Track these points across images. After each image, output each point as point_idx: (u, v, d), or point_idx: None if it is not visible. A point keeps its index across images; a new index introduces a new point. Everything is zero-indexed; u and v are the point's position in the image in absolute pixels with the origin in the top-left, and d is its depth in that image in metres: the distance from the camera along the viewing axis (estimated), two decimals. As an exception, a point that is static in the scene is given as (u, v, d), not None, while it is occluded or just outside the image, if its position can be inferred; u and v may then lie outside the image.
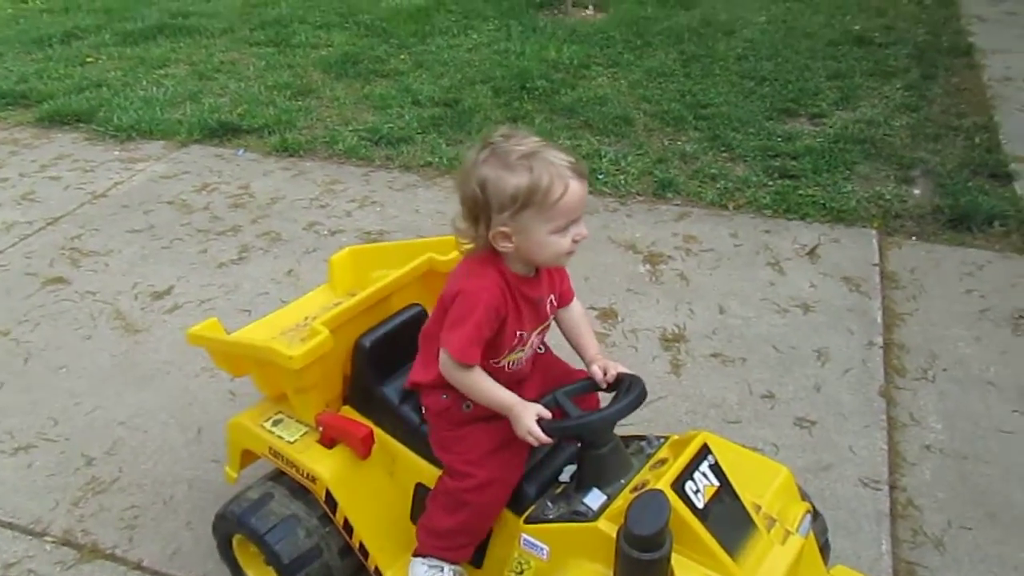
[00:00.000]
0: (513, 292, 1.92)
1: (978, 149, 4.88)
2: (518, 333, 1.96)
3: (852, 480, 2.77)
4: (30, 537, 2.67)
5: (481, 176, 1.80)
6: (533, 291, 1.96)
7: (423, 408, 2.10)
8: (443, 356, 1.92)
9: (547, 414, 1.91)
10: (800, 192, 4.45)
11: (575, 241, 1.85)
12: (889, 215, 4.27)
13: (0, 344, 3.55)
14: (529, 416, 1.89)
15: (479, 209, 1.83)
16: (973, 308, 3.61)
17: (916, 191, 4.50)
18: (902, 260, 3.94)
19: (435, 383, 1.99)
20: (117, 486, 2.85)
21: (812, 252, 3.99)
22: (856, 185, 4.54)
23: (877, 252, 3.99)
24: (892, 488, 2.75)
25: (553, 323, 2.11)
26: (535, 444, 1.91)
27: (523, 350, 2.01)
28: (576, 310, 2.14)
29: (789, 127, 5.22)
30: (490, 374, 1.96)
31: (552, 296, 2.04)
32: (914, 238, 4.12)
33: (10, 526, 2.71)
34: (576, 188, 1.80)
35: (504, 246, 1.85)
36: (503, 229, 1.82)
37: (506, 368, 2.00)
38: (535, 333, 2.03)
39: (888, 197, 4.41)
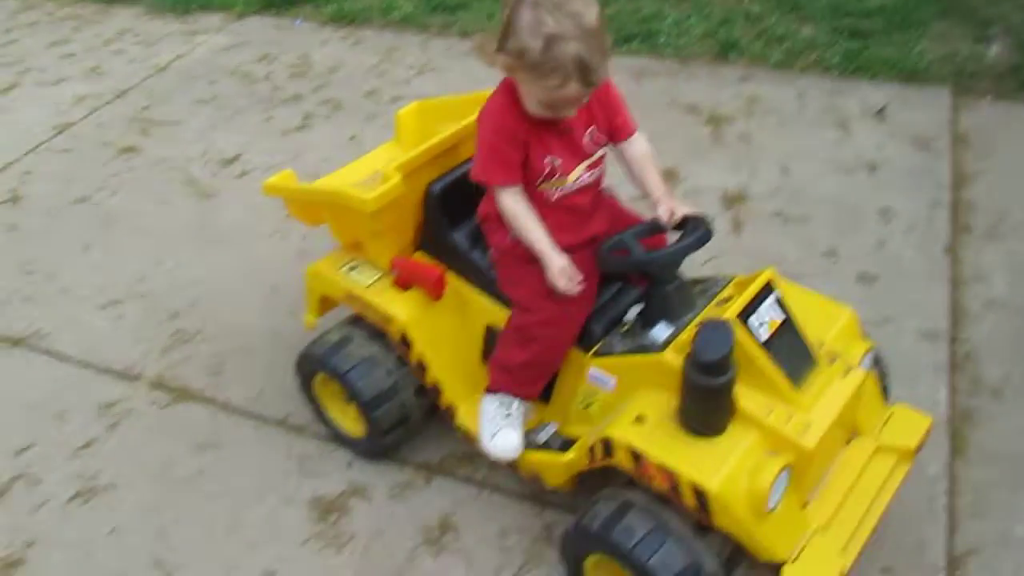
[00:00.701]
0: (530, 118, 1.93)
1: (1063, 5, 4.63)
2: (546, 159, 1.97)
3: (912, 333, 2.80)
4: (126, 381, 2.87)
5: (516, 13, 1.79)
6: (553, 125, 1.96)
7: (490, 247, 2.17)
8: (494, 192, 2.02)
9: (573, 270, 1.97)
10: (870, 52, 4.29)
11: (563, 113, 1.90)
12: (963, 75, 4.11)
13: (83, 209, 3.71)
14: (555, 264, 1.96)
15: (500, 35, 1.85)
16: (1047, 167, 3.52)
17: (993, 49, 4.31)
18: (974, 120, 3.82)
19: (500, 216, 2.05)
20: (201, 336, 3.02)
21: (881, 112, 3.89)
22: (930, 44, 4.36)
23: (949, 112, 3.87)
24: (952, 340, 2.77)
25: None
26: (567, 288, 1.96)
27: (565, 181, 2.02)
28: (638, 147, 2.12)
29: (861, -15, 4.98)
30: (537, 202, 2.01)
31: (592, 128, 2.02)
32: (989, 98, 3.97)
33: (107, 371, 2.92)
34: (571, 90, 1.80)
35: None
36: (505, 67, 1.87)
37: (549, 197, 2.02)
38: (580, 168, 2.03)
39: (964, 56, 4.23)
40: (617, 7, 4.90)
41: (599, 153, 2.07)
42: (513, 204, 2.00)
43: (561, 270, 1.97)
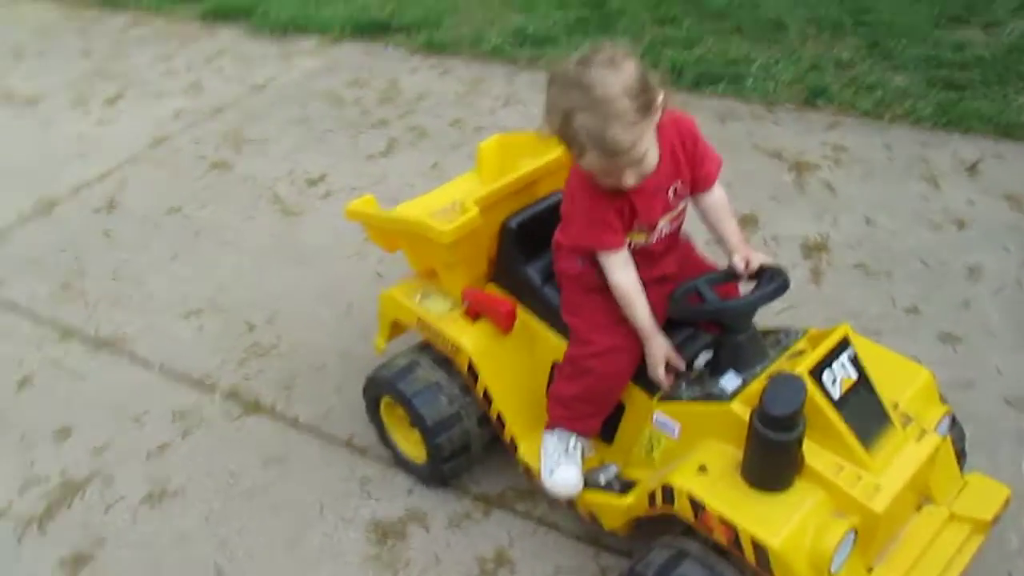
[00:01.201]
0: (619, 191, 1.93)
1: None
2: (635, 223, 1.99)
3: (995, 398, 2.69)
4: (201, 390, 2.97)
5: (548, 90, 1.83)
6: (644, 184, 1.95)
7: (557, 272, 2.18)
8: (601, 260, 2.02)
9: (678, 361, 2.01)
10: (965, 104, 4.18)
11: (631, 178, 1.87)
12: (1063, 132, 3.98)
13: (174, 220, 3.86)
14: (658, 350, 2.00)
15: None
16: None
17: (1097, 108, 4.15)
18: (1072, 179, 3.68)
19: (573, 247, 2.06)
20: (276, 351, 3.10)
21: (973, 167, 3.78)
22: (1028, 99, 4.23)
23: (1046, 170, 3.75)
24: (1038, 409, 2.66)
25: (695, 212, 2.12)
26: (662, 381, 2.02)
27: (648, 235, 2.03)
28: (717, 197, 2.11)
29: (959, 36, 4.87)
30: None
31: (677, 183, 2.01)
32: (1088, 157, 3.83)
33: (185, 379, 3.01)
34: (592, 159, 1.80)
35: None
36: None
37: (630, 246, 2.03)
38: (663, 220, 2.03)
39: (1064, 112, 4.09)
40: (704, 48, 4.89)
41: (681, 206, 2.08)
42: (625, 280, 2.01)
43: (664, 356, 2.01)
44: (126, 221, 3.88)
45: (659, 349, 2.02)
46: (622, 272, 2.01)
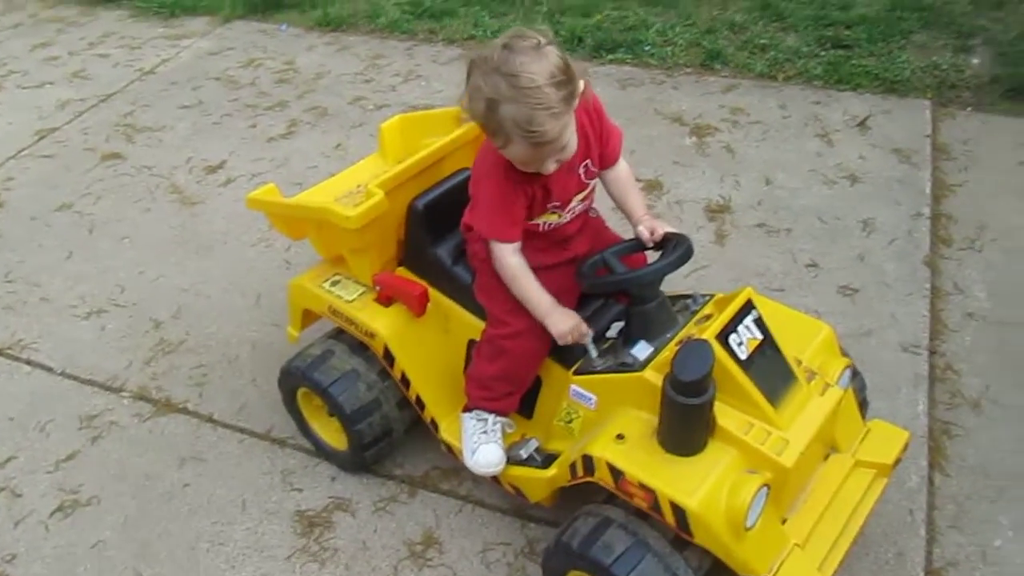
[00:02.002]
0: (532, 175, 1.93)
1: (1043, 16, 4.67)
2: (549, 205, 2.00)
3: (892, 345, 2.82)
4: (108, 392, 2.87)
5: (469, 76, 1.80)
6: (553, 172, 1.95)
7: (469, 254, 2.17)
8: (492, 246, 2.00)
9: (584, 329, 2.00)
10: (853, 62, 4.33)
11: (553, 164, 1.86)
12: (944, 86, 4.15)
13: (66, 216, 3.70)
14: (562, 325, 1.99)
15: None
16: (1026, 179, 3.56)
17: (974, 60, 4.35)
18: (955, 131, 3.86)
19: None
20: (185, 347, 3.01)
21: (863, 123, 3.93)
22: (912, 55, 4.39)
23: (930, 123, 3.91)
24: (932, 353, 2.80)
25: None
26: (579, 340, 2.01)
27: (561, 214, 2.04)
28: (621, 171, 2.14)
29: (844, -5, 5.02)
30: (526, 232, 2.01)
31: (587, 161, 2.02)
32: (969, 109, 4.01)
33: (90, 382, 2.91)
34: (517, 150, 1.78)
35: None
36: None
37: (542, 228, 2.04)
38: (575, 199, 2.04)
39: (944, 67, 4.27)
40: (602, 16, 4.92)
41: (593, 183, 2.09)
42: (515, 264, 2.00)
43: (569, 329, 1.99)
44: (14, 221, 3.69)
45: (561, 324, 2.00)
46: (512, 257, 2.00)
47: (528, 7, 5.06)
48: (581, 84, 1.80)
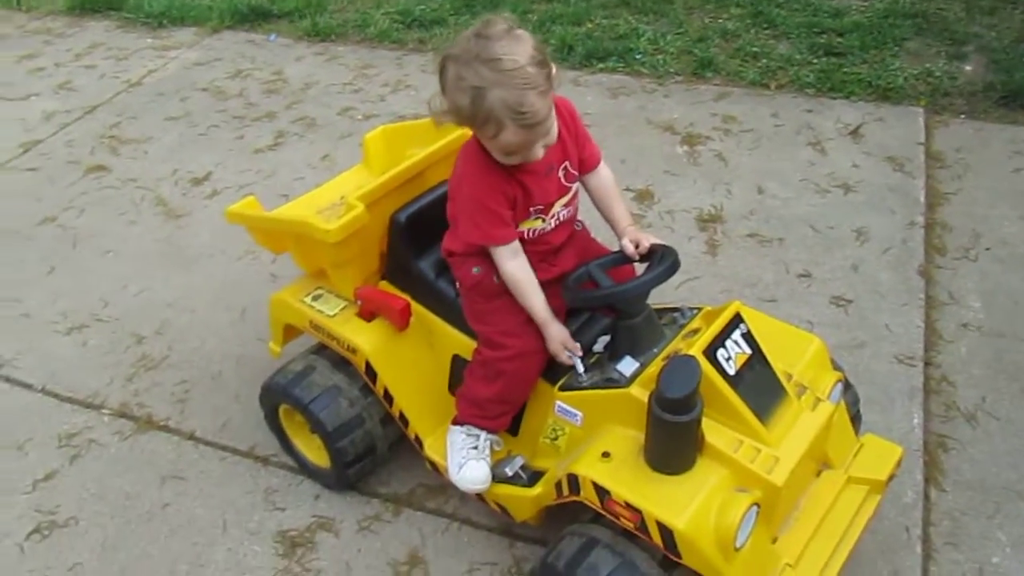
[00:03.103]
0: (510, 172, 1.90)
1: (1036, 22, 4.65)
2: (531, 208, 1.97)
3: (887, 357, 2.78)
4: (88, 410, 2.81)
5: (442, 72, 1.79)
6: (535, 166, 1.93)
7: (456, 282, 2.13)
8: (492, 254, 1.97)
9: (573, 346, 1.99)
10: (845, 70, 4.30)
11: (533, 154, 1.85)
12: (938, 93, 4.12)
13: (48, 230, 3.64)
14: (555, 337, 1.98)
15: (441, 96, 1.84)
16: (1020, 187, 3.51)
17: (968, 68, 4.32)
18: (949, 139, 3.82)
19: (466, 253, 2.02)
20: (167, 363, 2.96)
21: (856, 132, 3.89)
22: (905, 62, 4.37)
23: (923, 131, 3.87)
24: (927, 365, 2.75)
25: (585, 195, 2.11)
26: (567, 361, 1.99)
27: (544, 220, 2.00)
28: (603, 177, 2.11)
29: (836, 2, 4.99)
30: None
31: (567, 163, 2.00)
32: (963, 116, 3.98)
33: (69, 400, 2.85)
34: (509, 135, 1.76)
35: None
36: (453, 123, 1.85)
37: (527, 235, 2.00)
38: (558, 204, 2.01)
39: (938, 74, 4.24)
40: (593, 24, 4.89)
41: (574, 188, 2.05)
42: (516, 268, 1.97)
43: (561, 342, 1.99)
44: (-4, 235, 3.65)
45: (556, 336, 2.00)
46: (512, 261, 1.97)
47: (519, 15, 5.03)
48: (554, 67, 1.81)
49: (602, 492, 1.80)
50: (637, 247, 2.00)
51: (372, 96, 4.45)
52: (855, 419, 2.20)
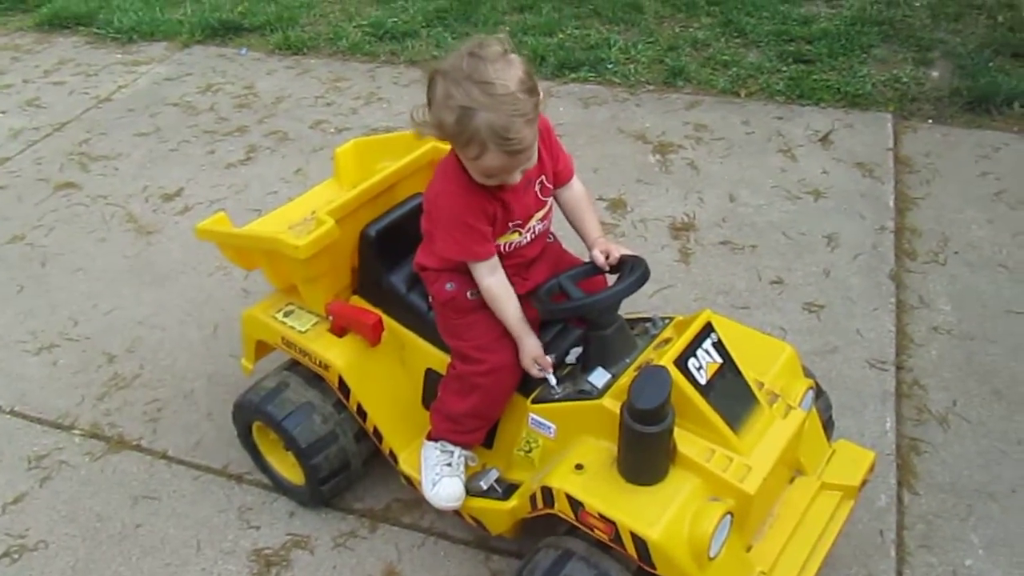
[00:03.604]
0: (489, 189, 1.90)
1: (1000, 28, 4.71)
2: (510, 224, 1.97)
3: (859, 362, 2.80)
4: (58, 430, 2.77)
5: (429, 91, 1.77)
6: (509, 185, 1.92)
7: (429, 297, 2.13)
8: (471, 268, 1.97)
9: (545, 362, 1.99)
10: (814, 77, 4.34)
11: (515, 176, 1.84)
12: (905, 99, 4.17)
13: (16, 249, 3.60)
14: (529, 350, 1.98)
15: (427, 110, 1.82)
16: (988, 191, 3.56)
17: (934, 73, 4.38)
18: (917, 144, 3.87)
19: (439, 268, 2.01)
20: (139, 381, 2.93)
21: (825, 138, 3.93)
22: (872, 68, 4.42)
23: (892, 136, 3.92)
24: (898, 369, 2.77)
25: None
26: (538, 375, 1.99)
27: (521, 233, 2.00)
28: (575, 190, 2.11)
29: (805, 10, 5.04)
30: None
31: (543, 177, 2.00)
32: (930, 121, 4.03)
33: (39, 420, 2.81)
34: (492, 159, 1.75)
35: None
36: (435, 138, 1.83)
37: (503, 248, 2.00)
38: (534, 218, 2.01)
39: (905, 80, 4.30)
40: (564, 34, 4.91)
41: (550, 202, 2.06)
42: (495, 284, 1.97)
43: (533, 358, 1.99)
44: (-37, 254, 3.60)
45: (529, 350, 2.00)
46: (491, 277, 1.97)
47: (491, 27, 5.04)
48: (541, 93, 1.79)
49: (576, 504, 1.80)
50: (607, 258, 2.00)
51: (344, 109, 4.44)
52: (827, 425, 2.21)
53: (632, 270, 1.93)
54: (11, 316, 3.25)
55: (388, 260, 2.22)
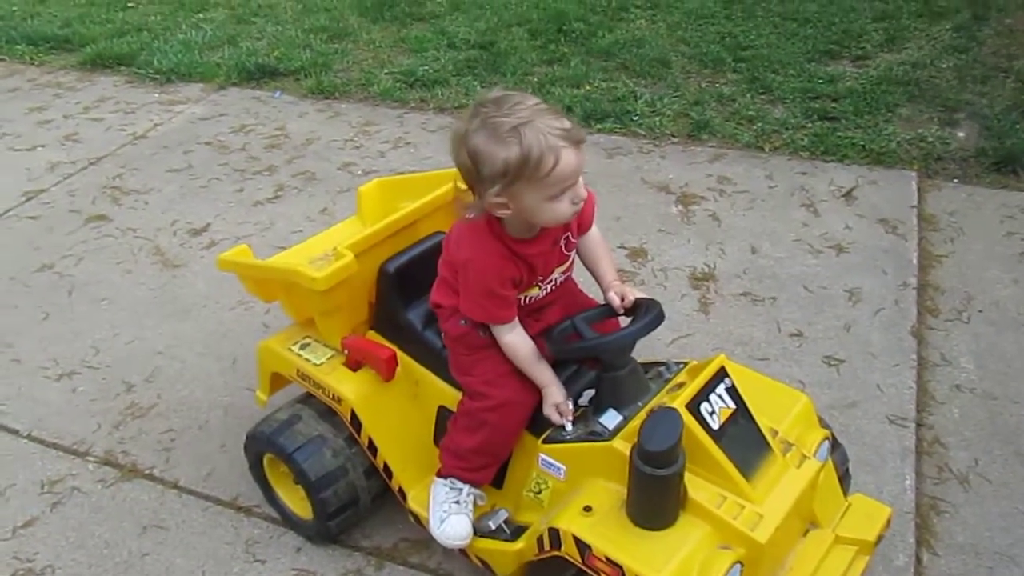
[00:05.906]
0: (518, 254, 1.91)
1: (1028, 91, 4.72)
2: (535, 284, 1.99)
3: (879, 417, 2.76)
4: (73, 457, 2.79)
5: (471, 148, 1.75)
6: (539, 245, 1.94)
7: (442, 333, 2.13)
8: (494, 328, 1.99)
9: (567, 408, 1.98)
10: (839, 134, 4.36)
11: (574, 203, 1.83)
12: (931, 158, 4.17)
13: (45, 277, 3.66)
14: (553, 399, 1.98)
15: (472, 179, 1.81)
16: (1013, 250, 3.53)
17: (960, 133, 4.38)
18: (941, 202, 3.86)
19: (454, 305, 2.02)
20: (155, 411, 2.95)
21: (849, 194, 3.93)
22: (898, 127, 4.43)
23: (916, 194, 3.91)
24: (919, 426, 2.73)
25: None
26: (559, 421, 1.98)
27: (541, 286, 2.02)
28: (594, 236, 2.12)
29: (831, 69, 5.08)
30: None
31: (568, 234, 2.00)
32: (955, 181, 4.02)
33: (55, 446, 2.83)
34: (568, 157, 1.74)
35: (502, 213, 1.83)
36: (497, 200, 1.78)
37: (522, 301, 2.01)
38: (555, 272, 2.03)
39: (930, 139, 4.29)
40: (592, 86, 4.98)
41: (573, 255, 2.07)
42: (515, 340, 1.98)
43: (555, 406, 1.99)
44: (-7, 281, 3.66)
45: (552, 398, 2.00)
46: (510, 334, 1.99)
47: (519, 77, 5.13)
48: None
49: (583, 547, 1.78)
50: (623, 300, 2.00)
51: (372, 152, 4.51)
52: (844, 478, 2.17)
53: (646, 312, 1.92)
54: (35, 342, 3.29)
55: (405, 297, 2.23)
